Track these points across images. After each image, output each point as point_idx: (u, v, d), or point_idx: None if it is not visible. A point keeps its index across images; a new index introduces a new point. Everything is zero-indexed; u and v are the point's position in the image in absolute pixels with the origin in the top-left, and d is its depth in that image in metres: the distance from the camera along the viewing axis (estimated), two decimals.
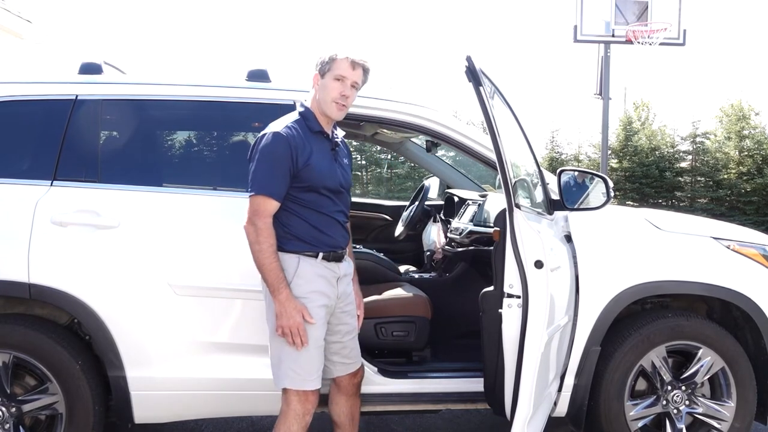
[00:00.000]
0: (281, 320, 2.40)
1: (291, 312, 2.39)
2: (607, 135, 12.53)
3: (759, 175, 13.12)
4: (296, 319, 2.39)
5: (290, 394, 2.47)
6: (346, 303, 2.63)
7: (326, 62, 2.51)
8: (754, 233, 3.29)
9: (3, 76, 3.04)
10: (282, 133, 2.42)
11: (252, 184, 2.41)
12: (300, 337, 2.40)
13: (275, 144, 2.40)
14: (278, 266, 2.40)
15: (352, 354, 2.67)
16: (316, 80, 2.54)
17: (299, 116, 2.53)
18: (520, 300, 2.54)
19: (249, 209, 2.40)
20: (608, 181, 2.96)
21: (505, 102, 2.95)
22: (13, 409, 2.76)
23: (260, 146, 2.42)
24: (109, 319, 2.74)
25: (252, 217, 2.39)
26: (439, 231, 4.54)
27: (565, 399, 3.01)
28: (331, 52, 2.52)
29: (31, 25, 12.27)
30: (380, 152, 14.05)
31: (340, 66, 2.50)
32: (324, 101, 2.52)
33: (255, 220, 2.38)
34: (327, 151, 2.55)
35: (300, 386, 2.46)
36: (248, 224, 2.40)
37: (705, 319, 3.13)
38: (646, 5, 11.45)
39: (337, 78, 2.49)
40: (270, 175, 2.40)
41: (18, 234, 2.72)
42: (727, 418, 3.06)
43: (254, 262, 2.41)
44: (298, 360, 2.44)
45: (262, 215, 2.38)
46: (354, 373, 2.70)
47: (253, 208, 2.39)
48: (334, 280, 2.54)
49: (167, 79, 3.06)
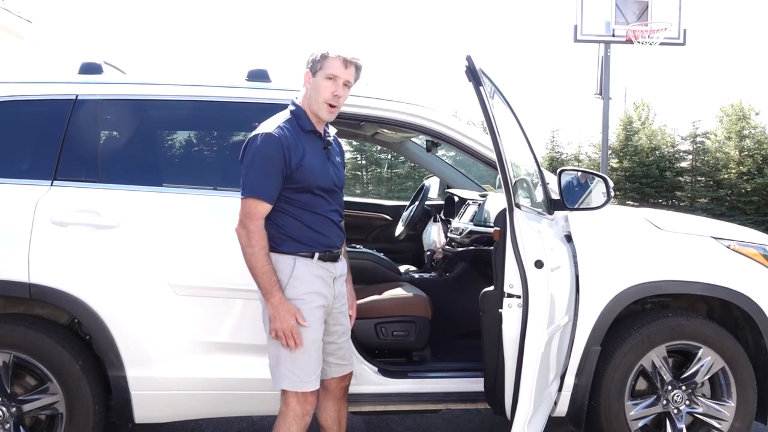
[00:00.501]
0: (275, 323, 2.38)
1: (284, 315, 2.37)
2: (607, 135, 12.53)
3: (759, 175, 13.12)
4: (289, 322, 2.37)
5: (289, 396, 2.46)
6: (341, 303, 2.62)
7: (318, 60, 2.46)
8: (754, 233, 3.29)
9: (3, 76, 3.05)
10: (274, 134, 2.37)
11: (244, 187, 2.37)
12: (294, 339, 2.39)
13: (267, 145, 2.36)
14: (270, 269, 2.38)
15: (346, 355, 2.66)
16: (308, 78, 2.49)
17: (291, 115, 2.48)
18: (521, 300, 2.54)
19: (240, 212, 2.37)
20: (608, 181, 2.96)
21: (505, 102, 2.95)
22: (13, 408, 2.76)
23: (252, 148, 2.38)
24: (110, 319, 2.74)
25: (243, 220, 2.36)
26: (439, 231, 4.54)
27: (566, 399, 3.00)
28: (322, 50, 2.46)
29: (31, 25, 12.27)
30: (380, 152, 14.05)
31: (332, 65, 2.45)
32: (316, 101, 2.47)
33: (246, 223, 2.35)
34: (320, 150, 2.51)
35: (299, 387, 2.45)
36: (240, 227, 2.37)
37: (705, 319, 3.13)
38: (646, 5, 11.45)
39: (329, 77, 2.45)
40: (262, 178, 2.36)
41: (18, 234, 2.72)
42: (728, 417, 3.06)
43: (246, 265, 2.38)
44: (297, 361, 2.43)
45: (253, 218, 2.36)
46: (343, 377, 2.69)
47: (244, 210, 2.36)
48: (330, 280, 2.53)
49: (167, 79, 3.06)
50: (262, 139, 2.37)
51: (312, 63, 2.48)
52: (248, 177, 2.37)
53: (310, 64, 2.49)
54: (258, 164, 2.36)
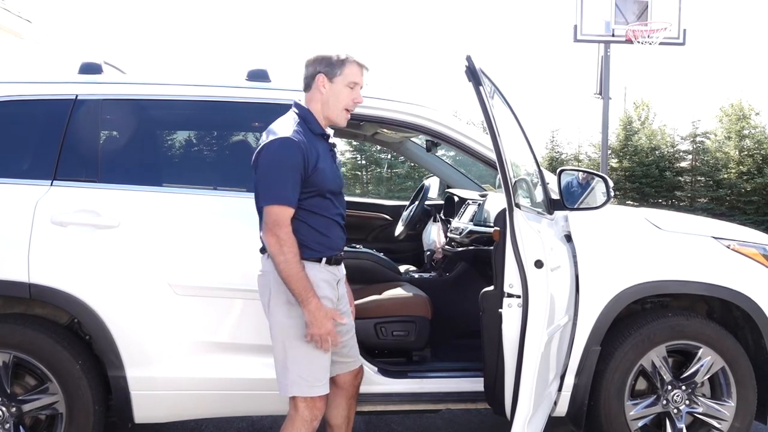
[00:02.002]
0: (312, 329, 2.32)
1: (322, 320, 2.32)
2: (607, 135, 12.53)
3: (759, 175, 13.13)
4: (327, 327, 2.33)
5: (298, 400, 2.43)
6: (344, 304, 2.62)
7: (335, 65, 2.40)
8: (754, 233, 3.29)
9: (3, 76, 3.05)
10: (294, 138, 2.30)
11: (266, 194, 2.30)
12: (330, 342, 2.36)
13: (288, 150, 2.29)
14: (305, 275, 2.32)
15: (351, 352, 2.66)
16: (323, 83, 2.42)
17: (299, 118, 2.42)
18: (520, 300, 2.54)
19: (268, 220, 2.29)
20: (608, 181, 2.96)
21: (505, 102, 2.95)
22: (13, 408, 2.76)
23: (270, 153, 2.30)
24: (109, 319, 2.74)
25: (273, 228, 2.28)
26: (439, 231, 4.54)
27: (566, 399, 3.01)
28: (339, 54, 2.42)
29: (31, 25, 12.26)
30: (380, 152, 14.06)
31: (353, 72, 2.42)
32: (334, 108, 2.44)
33: (276, 231, 2.28)
34: (328, 153, 2.49)
35: (308, 393, 2.41)
36: (270, 236, 2.29)
37: (705, 319, 3.13)
38: (646, 5, 11.45)
39: (349, 85, 2.43)
40: (285, 183, 2.29)
41: (18, 234, 2.72)
42: (727, 417, 3.06)
43: (279, 274, 2.31)
44: (310, 366, 2.40)
45: (283, 225, 2.29)
46: (356, 374, 2.70)
47: (272, 218, 2.29)
48: (335, 283, 2.52)
49: (167, 79, 3.06)
50: (280, 144, 2.30)
51: (328, 67, 2.41)
52: (270, 183, 2.30)
53: (325, 69, 2.42)
54: (279, 169, 2.30)
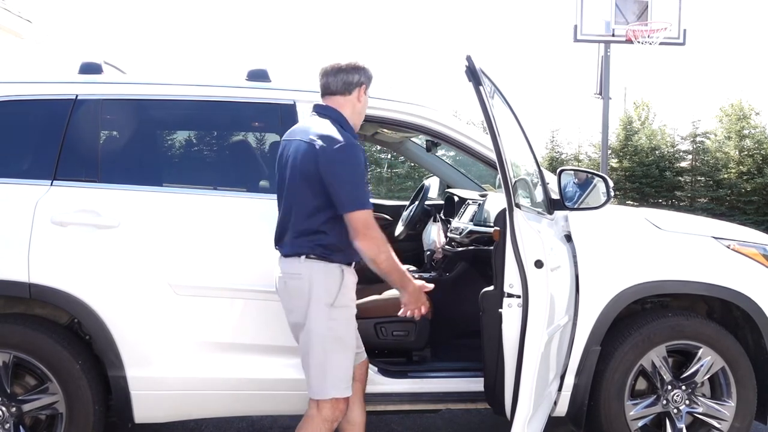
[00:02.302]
0: (411, 305, 2.53)
1: (419, 295, 2.54)
2: (607, 135, 12.55)
3: (759, 175, 13.14)
4: (423, 299, 2.56)
5: (323, 401, 2.45)
6: None
7: (370, 78, 2.57)
8: (754, 233, 3.29)
9: (3, 76, 3.05)
10: (358, 144, 2.42)
11: (352, 201, 2.35)
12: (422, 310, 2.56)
13: (359, 155, 2.39)
14: (400, 264, 2.48)
15: (359, 342, 2.69)
16: (362, 93, 2.55)
17: (339, 124, 2.46)
18: (520, 300, 2.55)
19: (358, 225, 2.36)
20: (608, 181, 2.96)
21: (505, 102, 2.95)
22: (13, 408, 2.76)
23: (345, 160, 2.35)
24: (110, 319, 2.74)
25: (366, 232, 2.37)
26: (439, 231, 4.53)
27: (565, 398, 3.00)
28: (372, 68, 2.57)
29: (31, 25, 12.27)
30: (380, 152, 14.06)
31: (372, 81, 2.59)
32: (360, 118, 2.59)
33: (371, 233, 2.38)
34: None
35: (345, 393, 2.47)
36: (364, 240, 2.37)
37: (705, 319, 3.13)
38: (646, 5, 11.46)
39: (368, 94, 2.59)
40: (363, 187, 2.39)
41: (18, 234, 2.72)
42: (727, 417, 3.06)
43: (380, 273, 2.43)
44: (346, 368, 2.46)
45: (374, 226, 2.39)
46: (365, 364, 2.73)
47: (363, 223, 2.36)
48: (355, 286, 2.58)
49: (167, 78, 3.05)
50: (351, 150, 2.37)
51: (368, 79, 2.56)
52: (354, 190, 2.37)
53: (366, 79, 2.56)
54: (357, 175, 2.37)
